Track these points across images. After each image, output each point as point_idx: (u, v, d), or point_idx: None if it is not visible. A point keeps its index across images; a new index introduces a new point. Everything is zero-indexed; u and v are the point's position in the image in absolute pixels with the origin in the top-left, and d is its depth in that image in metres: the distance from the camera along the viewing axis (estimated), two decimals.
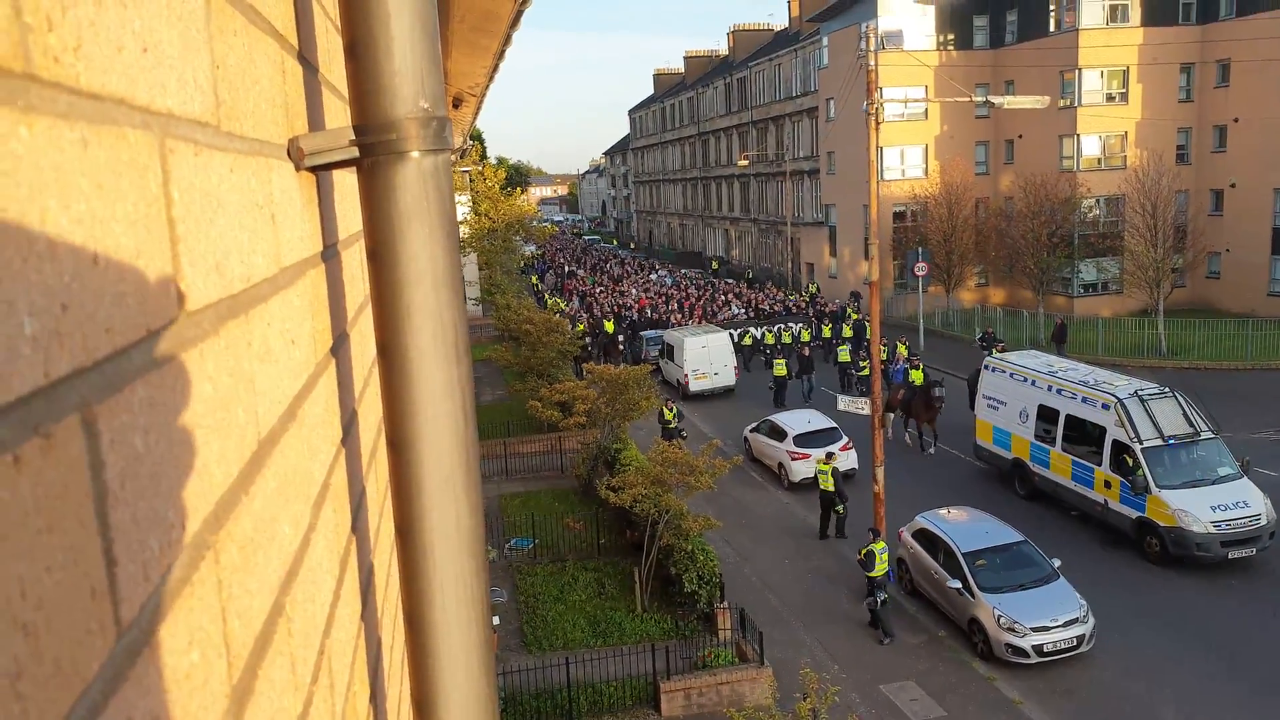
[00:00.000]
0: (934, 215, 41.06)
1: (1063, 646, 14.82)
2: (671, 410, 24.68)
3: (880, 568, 15.99)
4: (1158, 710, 13.69)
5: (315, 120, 1.63)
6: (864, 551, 16.23)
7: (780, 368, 30.77)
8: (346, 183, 2.01)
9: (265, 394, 1.11)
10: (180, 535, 0.77)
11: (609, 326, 37.93)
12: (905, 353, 31.95)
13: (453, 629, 1.35)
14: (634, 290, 51.15)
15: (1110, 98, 41.39)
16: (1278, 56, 37.14)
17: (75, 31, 0.63)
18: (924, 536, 17.23)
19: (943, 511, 17.89)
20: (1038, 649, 14.75)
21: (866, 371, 27.96)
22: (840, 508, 19.86)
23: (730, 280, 56.45)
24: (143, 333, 0.72)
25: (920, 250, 38.86)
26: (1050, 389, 20.89)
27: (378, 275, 1.32)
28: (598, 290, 52.26)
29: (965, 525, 17.06)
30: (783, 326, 37.58)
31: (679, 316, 42.06)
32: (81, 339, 0.61)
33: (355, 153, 1.33)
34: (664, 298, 47.74)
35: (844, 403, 23.11)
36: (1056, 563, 16.13)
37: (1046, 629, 14.83)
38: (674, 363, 33.16)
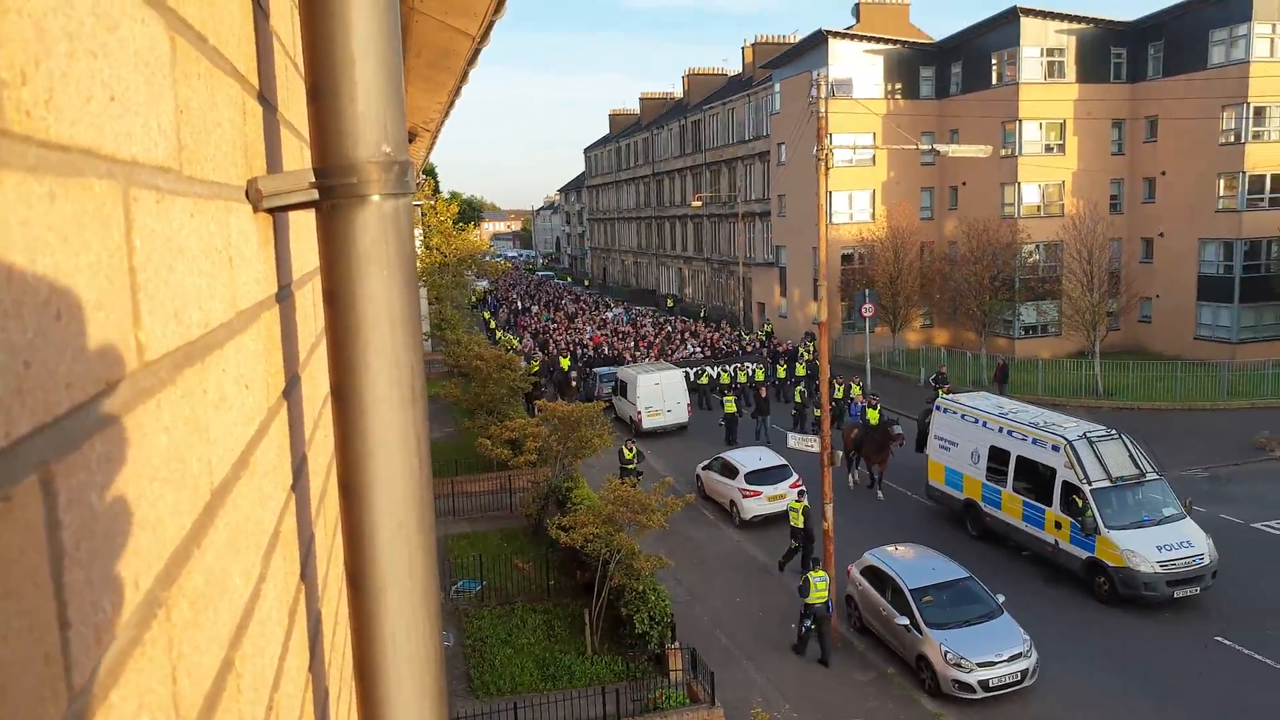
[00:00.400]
0: (881, 258, 41.83)
1: (1007, 681, 14.96)
2: (631, 450, 24.56)
3: (816, 596, 16.25)
4: None
5: (274, 161, 1.61)
6: (803, 579, 16.60)
7: (730, 404, 30.92)
8: (300, 220, 1.99)
9: (219, 442, 1.09)
10: (133, 594, 0.75)
11: (564, 363, 37.85)
12: (860, 392, 32.15)
13: (405, 679, 1.32)
14: (588, 328, 50.85)
15: (1049, 148, 42.73)
16: (1199, 115, 38.79)
17: (47, 84, 0.62)
18: (872, 574, 17.33)
19: (890, 548, 18.03)
20: (983, 684, 14.86)
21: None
22: (795, 544, 19.82)
23: (686, 318, 56.33)
24: (101, 386, 0.70)
25: (867, 292, 39.50)
26: (1001, 430, 21.08)
27: (334, 318, 1.31)
28: (552, 327, 51.83)
29: (912, 562, 17.19)
30: (738, 366, 37.58)
31: (636, 354, 41.88)
32: (42, 396, 0.59)
33: (315, 195, 1.32)
34: (620, 335, 47.51)
35: (794, 440, 23.26)
36: (1000, 598, 16.32)
37: (992, 664, 14.97)
38: (627, 400, 33.13)
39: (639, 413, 32.06)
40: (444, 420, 32.97)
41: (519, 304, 68.31)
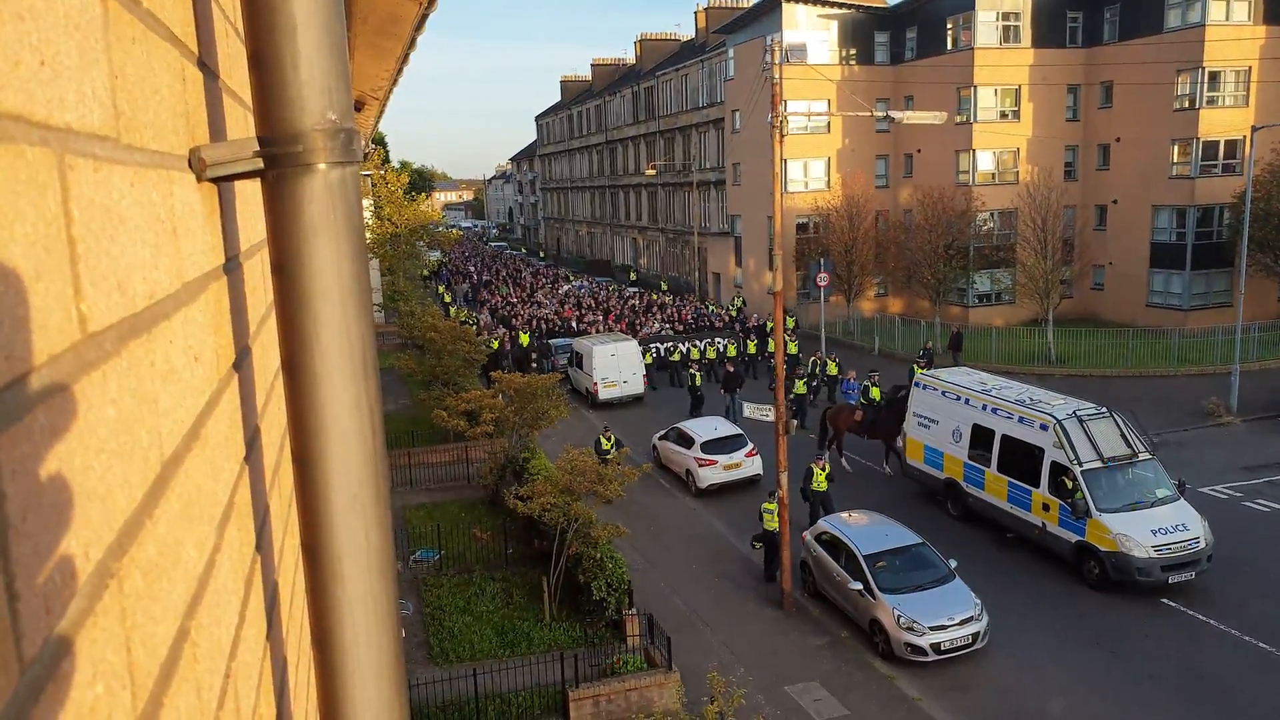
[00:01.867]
0: (836, 227, 42.07)
1: (959, 644, 15.34)
2: (609, 440, 23.21)
3: (769, 524, 18.15)
4: (1046, 703, 14.29)
5: (217, 129, 1.59)
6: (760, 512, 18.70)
7: (696, 378, 30.81)
8: (247, 191, 1.96)
9: (168, 414, 1.08)
10: (83, 565, 0.75)
11: (524, 339, 36.91)
12: (836, 369, 31.53)
13: (362, 647, 1.33)
14: (548, 301, 49.56)
15: (1004, 115, 43.11)
16: (1154, 80, 39.35)
17: None
18: (827, 540, 17.61)
19: (844, 515, 18.32)
20: (935, 647, 15.22)
21: (802, 389, 27.57)
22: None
23: (657, 292, 54.44)
24: (44, 358, 0.70)
25: (822, 261, 39.73)
26: (985, 408, 20.27)
27: (283, 290, 1.30)
28: (514, 303, 49.80)
29: (866, 528, 17.49)
30: (708, 342, 36.49)
31: (602, 328, 40.62)
32: None
33: (260, 164, 1.30)
34: (584, 309, 46.29)
35: (750, 410, 23.47)
36: (953, 563, 16.67)
37: (944, 627, 15.32)
38: (583, 371, 33.13)
39: (595, 384, 32.08)
40: (399, 392, 32.71)
41: (476, 277, 66.27)
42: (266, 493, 1.89)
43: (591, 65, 77.56)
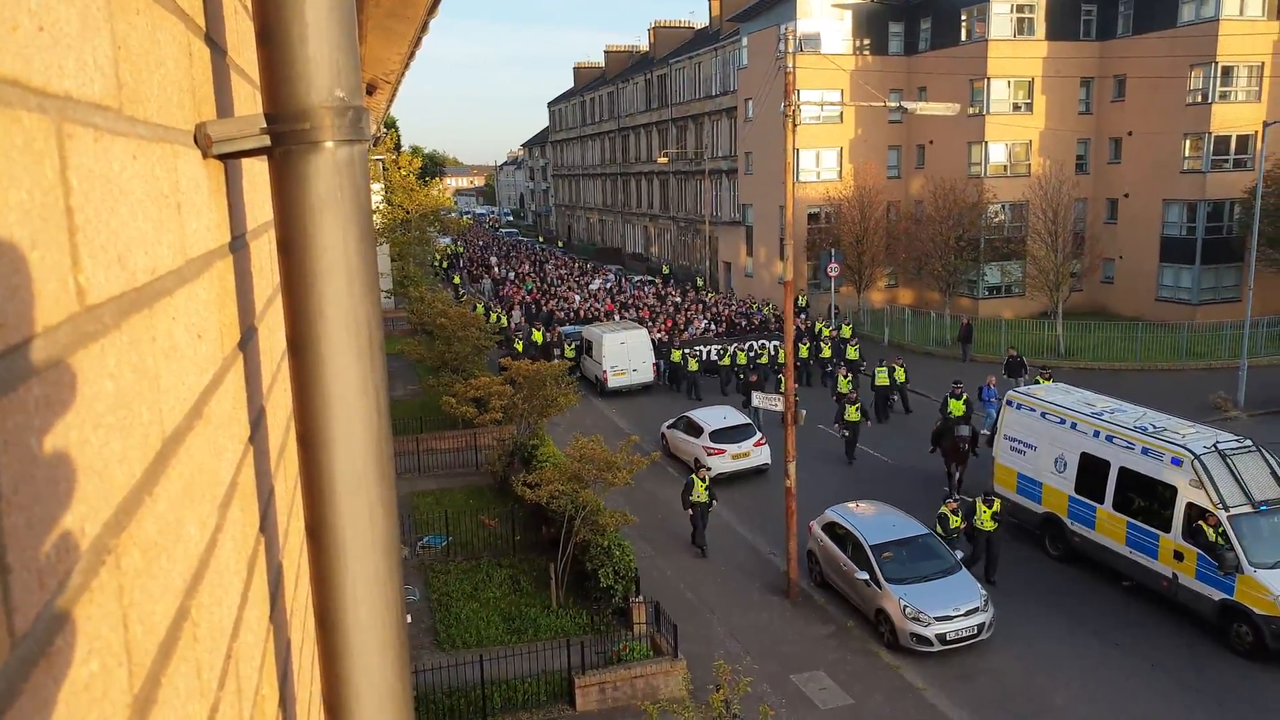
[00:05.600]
0: (847, 217, 41.89)
1: (964, 635, 15.34)
2: (704, 481, 19.41)
3: (697, 496, 19.08)
4: (1050, 697, 14.27)
5: (224, 106, 1.57)
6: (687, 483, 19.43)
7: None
8: (255, 170, 1.95)
9: (170, 391, 1.07)
10: (79, 540, 0.74)
11: (536, 336, 35.18)
12: (904, 374, 28.52)
13: (365, 629, 1.32)
14: (575, 296, 45.92)
15: (1016, 107, 42.85)
16: (1168, 74, 39.04)
17: None
18: (833, 530, 17.60)
19: (851, 505, 18.30)
20: (941, 637, 15.23)
21: (855, 416, 24.04)
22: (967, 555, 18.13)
23: (695, 289, 50.41)
24: (39, 328, 0.69)
25: (833, 251, 39.60)
26: (1098, 435, 17.70)
27: (289, 268, 1.29)
28: (551, 299, 45.46)
29: (873, 518, 17.48)
30: (762, 344, 33.04)
31: (651, 325, 36.98)
32: None
33: (267, 141, 1.29)
34: (623, 307, 43.00)
35: (759, 399, 23.42)
36: (959, 554, 16.66)
37: (949, 618, 15.32)
38: (592, 359, 33.12)
39: (604, 372, 32.08)
40: (408, 378, 32.79)
41: (497, 270, 60.42)
42: (271, 474, 1.88)
43: (605, 52, 77.32)
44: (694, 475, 19.57)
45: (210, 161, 1.41)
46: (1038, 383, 23.78)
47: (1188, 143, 39.71)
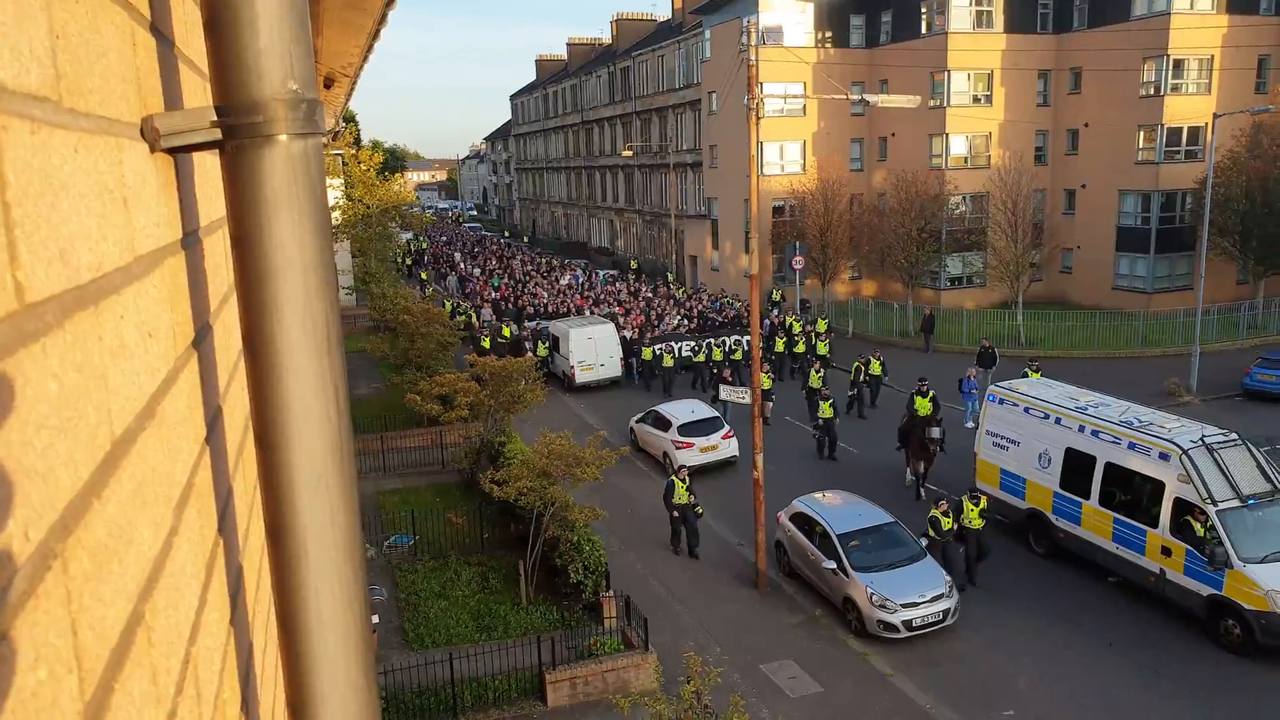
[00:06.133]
0: (811, 210, 42.13)
1: (930, 621, 15.53)
2: (684, 483, 19.18)
3: (678, 498, 18.68)
4: (1015, 679, 14.49)
5: (172, 98, 1.54)
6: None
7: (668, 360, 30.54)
8: (207, 165, 1.91)
9: (119, 391, 1.04)
10: (22, 546, 0.72)
11: (506, 331, 35.25)
12: (880, 368, 28.39)
13: (328, 630, 1.30)
14: (545, 294, 45.46)
15: (976, 99, 43.33)
16: (1122, 67, 39.71)
17: None
18: (801, 520, 17.72)
19: (818, 495, 18.44)
20: (907, 624, 15.41)
21: (828, 412, 23.87)
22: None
23: (668, 284, 49.53)
24: None
25: (798, 244, 39.81)
26: (1083, 430, 17.51)
27: (243, 264, 1.26)
28: (522, 295, 44.73)
29: (840, 508, 17.62)
30: (736, 340, 32.68)
31: (624, 321, 36.59)
32: None
33: (218, 134, 1.26)
34: (595, 303, 42.57)
35: (725, 392, 23.50)
36: (924, 542, 16.84)
37: (915, 605, 15.51)
38: (560, 354, 32.99)
39: (572, 367, 31.98)
40: (371, 376, 32.52)
41: (463, 266, 59.56)
42: (230, 474, 1.85)
43: (567, 44, 77.08)
44: (674, 477, 19.13)
45: (159, 155, 1.37)
46: (1026, 375, 23.51)
47: (1142, 134, 40.44)
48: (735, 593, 17.63)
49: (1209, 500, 15.07)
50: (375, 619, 16.20)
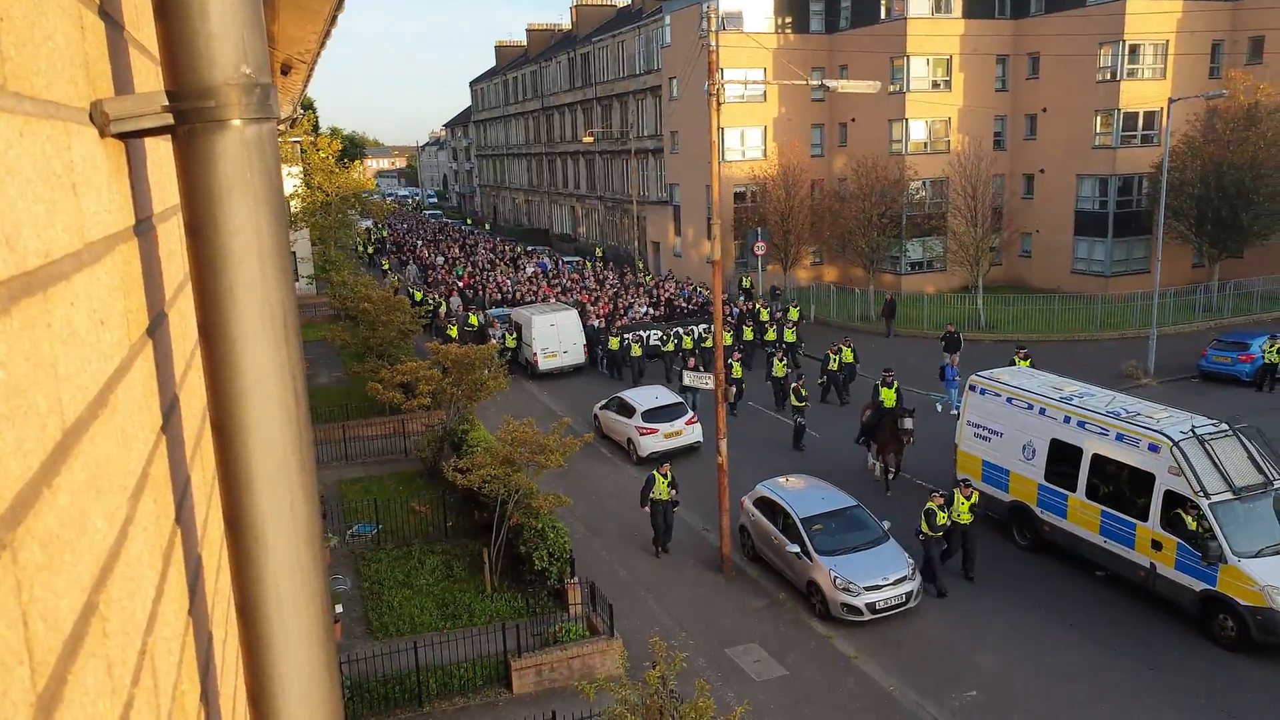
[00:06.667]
0: (772, 196, 42.26)
1: (893, 603, 15.74)
2: (666, 478, 18.64)
3: (657, 493, 18.27)
4: (976, 658, 14.75)
5: (123, 83, 1.51)
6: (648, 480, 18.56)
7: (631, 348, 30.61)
8: (161, 151, 1.88)
9: (70, 379, 1.03)
10: None
11: (474, 320, 35.14)
12: (852, 355, 27.92)
13: (288, 619, 1.30)
14: (506, 281, 44.54)
15: (936, 85, 43.66)
16: (1078, 52, 40.21)
17: None
18: (765, 504, 17.86)
19: (781, 480, 18.58)
20: (871, 606, 15.60)
21: (801, 403, 23.75)
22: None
23: (635, 271, 49.35)
24: None
25: (759, 230, 39.94)
26: (1068, 420, 17.12)
27: (197, 252, 1.25)
28: (489, 284, 44.23)
29: (803, 492, 17.78)
30: (706, 328, 32.37)
31: (591, 310, 36.20)
32: None
33: (169, 120, 1.25)
34: (564, 289, 42.35)
35: (690, 378, 23.57)
36: (886, 524, 17.04)
37: (878, 587, 15.70)
38: (522, 341, 32.86)
39: (535, 354, 31.86)
40: (332, 364, 32.17)
41: (426, 254, 58.52)
42: (187, 464, 1.83)
43: (527, 30, 76.49)
44: (655, 472, 18.57)
45: (109, 141, 1.35)
46: (1014, 363, 23.18)
47: (1099, 119, 41.02)
48: (700, 577, 17.74)
49: (1201, 493, 14.72)
50: (339, 609, 16.10)
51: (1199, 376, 28.56)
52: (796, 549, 16.50)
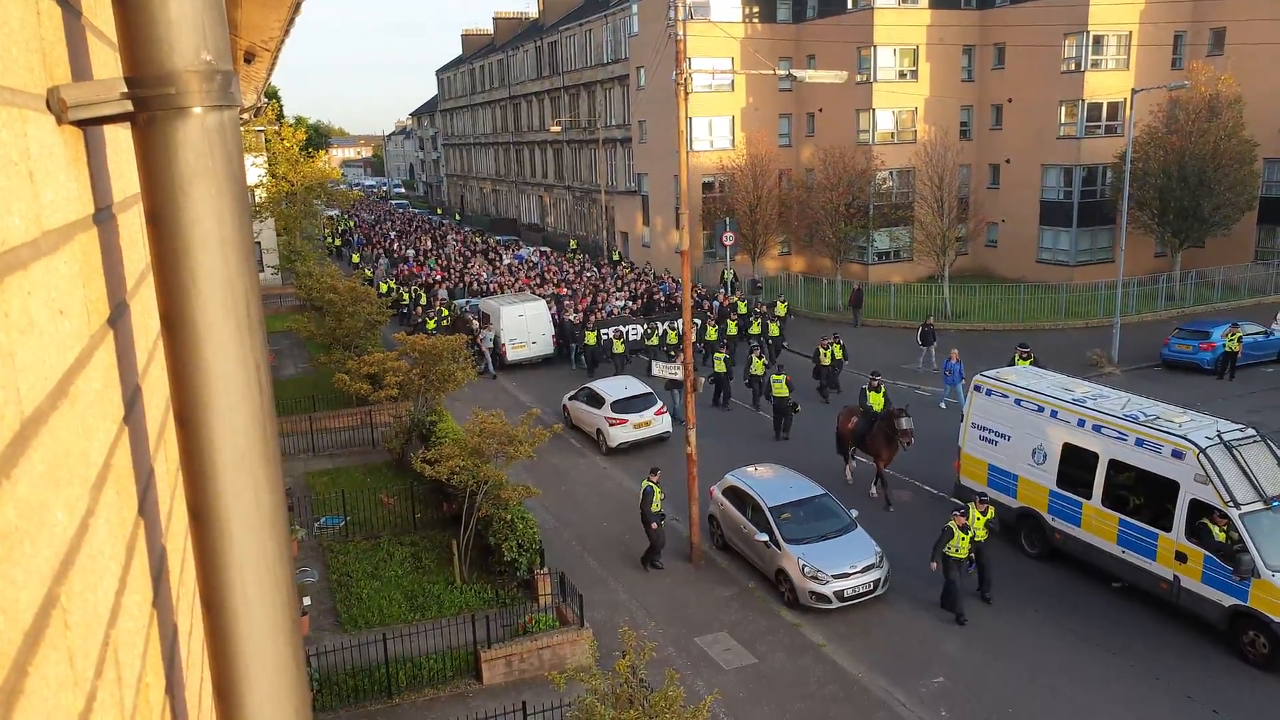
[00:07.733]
0: (740, 186, 42.36)
1: (861, 591, 15.88)
2: (659, 488, 17.73)
3: (655, 507, 17.12)
4: (943, 645, 14.95)
5: (80, 69, 1.48)
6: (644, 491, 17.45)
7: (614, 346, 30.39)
8: (120, 139, 1.85)
9: (28, 370, 1.01)
10: None
11: (445, 312, 34.69)
12: (840, 352, 27.11)
13: (254, 612, 1.29)
14: (484, 274, 43.96)
15: (902, 75, 43.93)
16: (1043, 43, 40.63)
17: None
18: (733, 493, 17.95)
19: (750, 469, 18.67)
20: (839, 594, 15.74)
21: (784, 393, 23.38)
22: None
23: (613, 263, 48.79)
24: None
25: (728, 220, 40.02)
26: (1082, 424, 16.23)
27: (159, 240, 1.23)
28: (465, 274, 43.94)
29: (772, 481, 17.88)
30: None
31: (569, 304, 35.78)
32: None
33: (129, 106, 1.23)
34: (544, 282, 42.03)
35: (658, 368, 23.60)
36: (854, 513, 17.18)
37: (846, 575, 15.84)
38: (490, 332, 32.72)
39: (504, 345, 31.75)
40: (298, 356, 31.87)
41: (398, 246, 57.58)
42: (151, 455, 1.81)
43: (494, 18, 75.99)
44: (651, 483, 17.30)
45: (67, 128, 1.33)
46: (1014, 362, 22.56)
47: (1063, 109, 41.50)
48: (669, 567, 17.81)
49: (1231, 503, 13.82)
50: (307, 601, 15.98)
51: (1161, 365, 29.05)
52: (765, 538, 16.61)
